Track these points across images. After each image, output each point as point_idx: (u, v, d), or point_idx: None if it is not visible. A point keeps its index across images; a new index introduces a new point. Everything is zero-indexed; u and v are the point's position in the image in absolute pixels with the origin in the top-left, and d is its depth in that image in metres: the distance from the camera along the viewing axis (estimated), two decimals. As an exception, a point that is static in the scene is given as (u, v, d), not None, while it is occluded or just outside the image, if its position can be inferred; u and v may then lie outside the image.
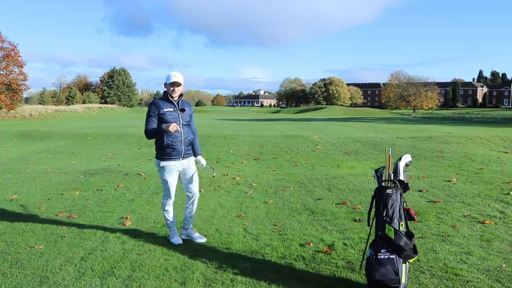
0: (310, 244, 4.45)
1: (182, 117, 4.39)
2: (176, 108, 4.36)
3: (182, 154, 4.41)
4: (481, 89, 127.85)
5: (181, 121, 4.37)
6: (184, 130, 4.39)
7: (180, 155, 4.40)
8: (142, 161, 11.87)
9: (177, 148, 4.36)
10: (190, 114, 4.52)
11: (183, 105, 4.42)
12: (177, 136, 4.34)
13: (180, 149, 4.38)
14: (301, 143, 14.93)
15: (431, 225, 5.10)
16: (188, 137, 4.45)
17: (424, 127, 25.25)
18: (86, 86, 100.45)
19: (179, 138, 4.36)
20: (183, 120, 4.40)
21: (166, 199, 4.55)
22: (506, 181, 7.66)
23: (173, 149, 4.35)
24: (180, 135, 4.35)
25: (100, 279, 3.59)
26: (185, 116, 4.43)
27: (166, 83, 4.34)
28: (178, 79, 4.30)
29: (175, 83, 4.32)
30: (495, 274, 3.63)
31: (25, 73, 48.95)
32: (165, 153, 4.35)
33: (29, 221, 5.39)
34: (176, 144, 4.36)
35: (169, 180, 4.44)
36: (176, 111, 4.36)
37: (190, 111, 4.53)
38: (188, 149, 4.48)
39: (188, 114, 4.47)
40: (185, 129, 4.42)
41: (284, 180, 8.23)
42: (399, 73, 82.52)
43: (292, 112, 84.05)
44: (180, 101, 4.41)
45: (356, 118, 47.27)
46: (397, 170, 3.62)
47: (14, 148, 15.91)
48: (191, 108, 4.57)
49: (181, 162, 4.43)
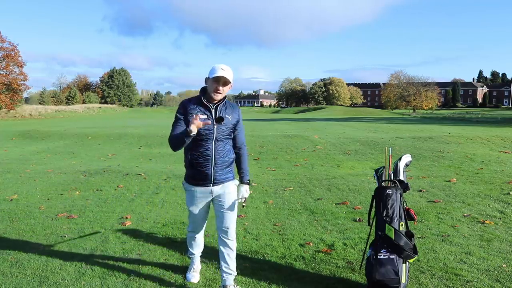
0: (310, 244, 4.45)
1: (218, 129, 3.11)
2: (212, 116, 3.11)
3: (212, 179, 3.16)
4: (481, 89, 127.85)
5: (214, 135, 3.10)
6: (218, 147, 3.13)
7: (209, 181, 3.17)
8: (142, 161, 11.87)
9: (203, 171, 3.14)
10: (235, 123, 3.21)
11: (224, 112, 3.14)
12: (206, 155, 3.12)
13: (208, 173, 3.14)
14: (301, 143, 14.93)
15: (431, 225, 5.10)
16: (223, 158, 3.16)
17: (424, 127, 25.25)
18: (86, 86, 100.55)
19: (209, 157, 3.11)
20: (219, 134, 3.12)
21: (189, 228, 3.52)
22: (506, 181, 7.66)
23: (198, 171, 3.15)
24: (210, 153, 3.11)
25: (100, 279, 3.59)
26: (224, 128, 3.13)
27: (209, 77, 3.07)
28: (227, 75, 3.03)
29: (220, 79, 3.04)
30: (495, 274, 3.63)
31: (25, 73, 49.04)
32: (189, 173, 3.23)
33: (29, 221, 5.39)
34: (202, 163, 3.12)
35: (191, 208, 3.32)
36: (211, 120, 3.09)
37: (234, 120, 3.20)
38: (223, 172, 3.19)
39: (229, 125, 3.17)
40: (221, 145, 3.15)
41: (284, 180, 8.23)
42: (399, 73, 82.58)
43: (292, 112, 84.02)
44: (219, 106, 3.13)
45: (356, 118, 47.26)
46: (397, 170, 3.62)
47: (14, 148, 15.91)
48: (238, 114, 3.25)
49: (209, 189, 3.20)
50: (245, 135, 3.41)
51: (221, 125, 3.11)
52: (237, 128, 3.24)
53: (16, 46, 47.76)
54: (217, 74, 3.00)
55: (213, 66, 3.07)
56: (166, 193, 7.04)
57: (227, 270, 3.26)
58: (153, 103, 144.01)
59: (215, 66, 3.06)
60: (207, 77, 3.09)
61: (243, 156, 3.33)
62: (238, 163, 3.34)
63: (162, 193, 7.08)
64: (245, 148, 3.36)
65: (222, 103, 3.13)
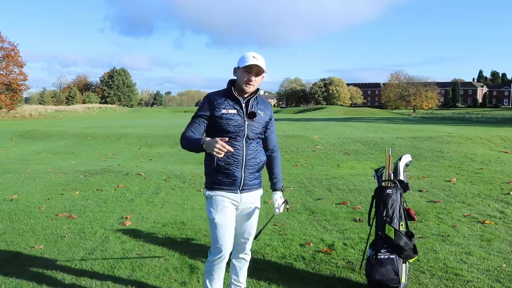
0: (310, 244, 4.45)
1: (249, 126, 2.73)
2: (243, 111, 2.72)
3: (241, 184, 2.76)
4: (481, 89, 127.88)
5: (245, 132, 2.71)
6: (249, 147, 2.74)
7: (238, 186, 2.75)
8: (142, 161, 11.87)
9: (232, 173, 2.72)
10: (267, 121, 2.84)
11: (255, 107, 2.77)
12: (236, 155, 2.71)
13: (238, 177, 2.73)
14: (301, 143, 14.93)
15: (431, 225, 5.10)
16: (254, 159, 2.77)
17: (424, 127, 25.26)
18: (86, 86, 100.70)
19: (239, 159, 2.72)
20: (250, 132, 2.73)
21: (214, 253, 2.78)
22: (506, 181, 7.66)
23: (227, 174, 2.73)
24: (240, 154, 2.72)
25: (100, 279, 3.59)
26: (256, 125, 2.76)
27: (239, 67, 2.69)
28: (260, 63, 2.66)
29: (253, 68, 2.66)
30: (495, 274, 3.63)
31: (25, 73, 49.17)
32: (214, 178, 2.75)
33: (29, 221, 5.39)
34: (231, 166, 2.72)
35: (217, 218, 2.72)
36: (242, 115, 2.71)
37: (267, 117, 2.83)
38: (253, 177, 2.80)
39: (261, 122, 2.79)
40: (252, 145, 2.76)
41: (284, 180, 8.23)
42: (399, 73, 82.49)
43: (292, 112, 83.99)
44: (251, 100, 2.76)
45: (356, 118, 47.27)
46: (397, 170, 3.62)
47: (14, 148, 15.91)
48: (270, 111, 2.88)
49: (237, 196, 2.77)
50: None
51: (253, 122, 2.73)
52: (269, 126, 2.88)
53: (16, 46, 47.95)
54: (249, 63, 2.63)
55: (243, 54, 2.70)
56: (166, 193, 7.05)
57: (237, 283, 3.01)
58: (153, 103, 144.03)
59: (245, 54, 2.69)
60: (237, 67, 2.73)
61: (276, 159, 2.96)
62: (270, 167, 2.96)
63: (162, 193, 7.08)
64: (278, 151, 2.99)
65: (253, 96, 2.76)
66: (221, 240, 2.72)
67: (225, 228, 2.71)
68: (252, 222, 2.87)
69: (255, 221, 2.90)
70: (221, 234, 2.71)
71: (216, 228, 2.72)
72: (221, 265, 2.81)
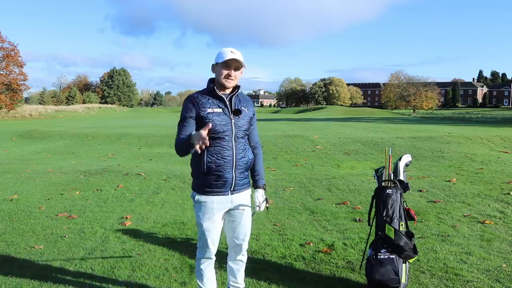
0: (310, 244, 4.45)
1: (236, 123, 2.69)
2: (228, 109, 2.69)
3: (232, 185, 2.71)
4: (481, 89, 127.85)
5: (233, 131, 2.67)
6: (238, 146, 2.70)
7: (229, 187, 2.71)
8: (142, 161, 11.88)
9: (223, 175, 2.66)
10: (251, 117, 2.82)
11: (239, 103, 2.75)
12: (226, 155, 2.66)
13: (228, 177, 2.68)
14: (301, 143, 14.93)
15: (431, 225, 5.10)
16: (244, 158, 2.74)
17: (424, 127, 25.26)
18: (86, 86, 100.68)
19: (229, 159, 2.67)
20: (237, 129, 2.70)
21: (201, 253, 2.85)
22: (506, 181, 7.66)
23: (217, 176, 2.66)
24: (230, 155, 2.67)
25: (100, 279, 3.59)
26: (242, 121, 2.73)
27: (218, 63, 2.67)
28: (238, 57, 2.64)
29: (231, 63, 2.65)
30: (495, 274, 3.63)
31: (25, 73, 49.14)
32: (203, 181, 2.69)
33: (29, 221, 5.39)
34: (222, 167, 2.65)
35: (206, 224, 2.73)
36: (228, 113, 2.68)
37: (250, 113, 2.81)
38: (243, 176, 2.77)
39: (246, 118, 2.77)
40: (241, 143, 2.73)
41: (284, 180, 8.23)
42: (399, 73, 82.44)
43: (292, 112, 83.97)
44: (234, 97, 2.73)
45: (356, 118, 47.26)
46: (397, 170, 3.62)
47: (14, 148, 15.92)
48: (252, 106, 2.86)
49: (228, 198, 2.73)
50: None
51: (239, 119, 2.70)
52: (252, 122, 2.84)
53: (16, 46, 47.91)
54: (227, 57, 2.61)
55: (221, 50, 2.68)
56: (166, 193, 7.05)
57: (235, 284, 2.99)
58: (153, 103, 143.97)
59: (223, 49, 2.67)
60: (215, 63, 2.69)
61: (258, 156, 2.90)
62: (254, 165, 2.89)
63: (162, 193, 7.08)
64: (260, 147, 2.94)
65: (236, 94, 2.73)
66: (208, 243, 2.78)
67: (213, 233, 2.76)
68: (245, 223, 2.84)
69: (248, 222, 2.86)
70: (209, 238, 2.76)
71: (204, 233, 2.76)
72: (210, 263, 2.87)
